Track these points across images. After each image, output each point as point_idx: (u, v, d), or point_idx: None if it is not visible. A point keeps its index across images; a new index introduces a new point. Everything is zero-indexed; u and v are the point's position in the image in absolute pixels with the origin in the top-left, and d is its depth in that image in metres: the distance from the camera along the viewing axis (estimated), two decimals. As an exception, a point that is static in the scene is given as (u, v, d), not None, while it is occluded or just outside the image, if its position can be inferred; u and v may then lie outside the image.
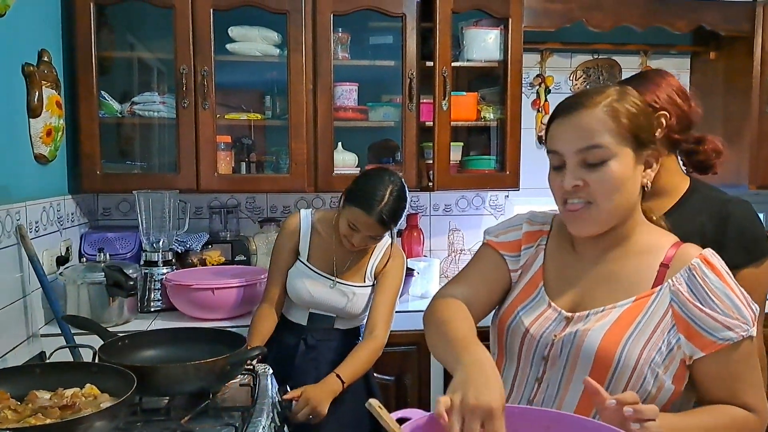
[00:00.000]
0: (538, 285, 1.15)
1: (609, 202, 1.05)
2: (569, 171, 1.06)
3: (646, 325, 1.04)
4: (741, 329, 1.02)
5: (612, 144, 1.04)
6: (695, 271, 1.04)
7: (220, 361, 1.33)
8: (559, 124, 1.08)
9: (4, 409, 1.15)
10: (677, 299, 1.04)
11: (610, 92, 1.08)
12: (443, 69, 2.39)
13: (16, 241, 1.78)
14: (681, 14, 2.65)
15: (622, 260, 1.10)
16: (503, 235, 1.23)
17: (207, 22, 2.29)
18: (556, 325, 1.10)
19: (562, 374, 1.08)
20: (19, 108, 1.86)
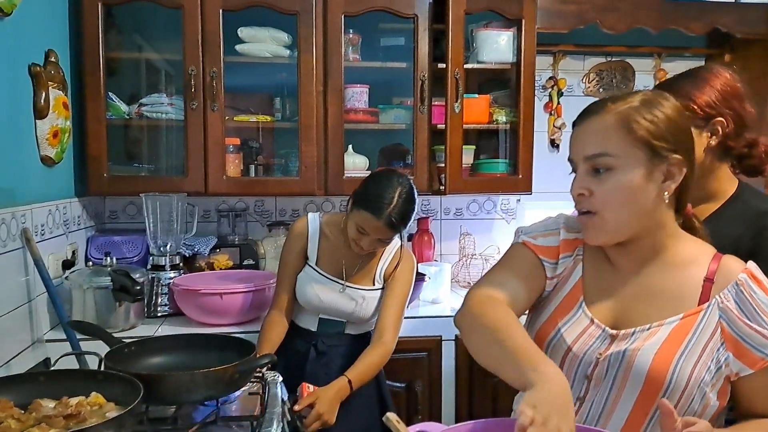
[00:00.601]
0: (578, 299, 1.10)
1: (615, 212, 1.02)
2: (577, 178, 1.04)
3: (697, 343, 1.01)
4: None
5: (621, 153, 1.00)
6: (743, 287, 1.02)
7: (229, 369, 1.29)
8: (575, 130, 1.07)
9: (7, 419, 1.12)
10: (726, 316, 1.02)
11: (632, 99, 1.04)
12: (455, 71, 2.36)
13: (22, 245, 1.75)
14: (696, 16, 2.61)
15: (662, 274, 1.07)
16: (542, 238, 1.16)
17: (216, 23, 2.26)
18: (601, 343, 1.06)
19: (609, 394, 1.04)
20: (25, 109, 1.83)
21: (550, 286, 1.15)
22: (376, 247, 1.83)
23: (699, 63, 3.01)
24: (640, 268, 1.08)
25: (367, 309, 1.87)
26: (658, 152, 1.01)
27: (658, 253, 1.07)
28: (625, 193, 1.00)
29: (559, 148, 2.90)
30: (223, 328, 2.05)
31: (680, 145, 1.03)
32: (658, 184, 1.02)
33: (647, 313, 1.05)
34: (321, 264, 1.89)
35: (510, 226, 2.88)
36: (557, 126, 2.88)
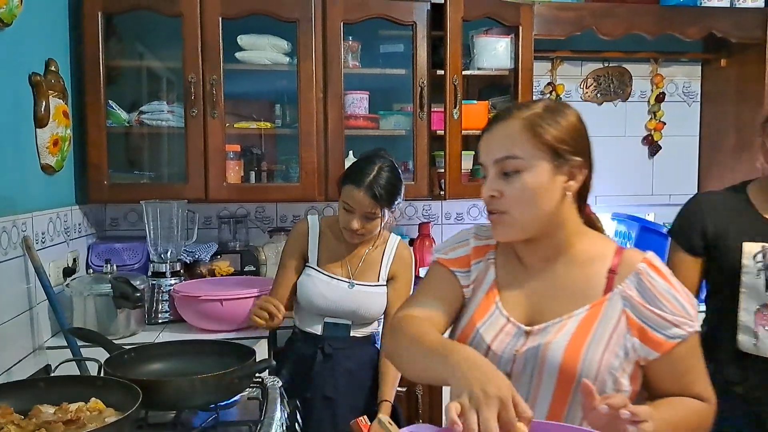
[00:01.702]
0: (494, 299, 1.16)
1: (523, 211, 1.09)
2: (488, 181, 1.11)
3: (603, 331, 1.07)
4: (688, 326, 1.07)
5: (527, 155, 1.07)
6: (642, 275, 1.08)
7: (227, 375, 1.30)
8: (485, 136, 1.14)
9: (7, 424, 1.13)
10: (629, 304, 1.08)
11: (536, 106, 1.11)
12: (454, 78, 2.37)
13: (22, 253, 1.76)
14: (692, 21, 2.63)
15: (569, 270, 1.13)
16: (452, 251, 1.23)
17: (216, 31, 2.28)
18: (517, 340, 1.11)
19: (529, 389, 1.09)
20: (25, 118, 1.85)
21: (468, 293, 1.20)
22: (364, 227, 1.82)
23: (696, 67, 3.03)
24: (548, 265, 1.14)
25: (372, 306, 1.88)
26: (560, 155, 1.08)
27: (563, 250, 1.13)
28: (531, 192, 1.07)
29: (557, 153, 2.91)
30: (224, 334, 2.05)
31: (580, 149, 1.10)
32: (561, 184, 1.09)
33: (557, 307, 1.11)
34: (323, 264, 1.91)
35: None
36: (555, 131, 2.89)
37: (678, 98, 3.03)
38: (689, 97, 3.04)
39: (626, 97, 2.98)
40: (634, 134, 3.01)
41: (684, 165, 3.05)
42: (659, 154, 3.02)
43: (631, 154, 3.01)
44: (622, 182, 2.99)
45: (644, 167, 3.03)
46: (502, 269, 1.18)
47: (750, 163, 2.73)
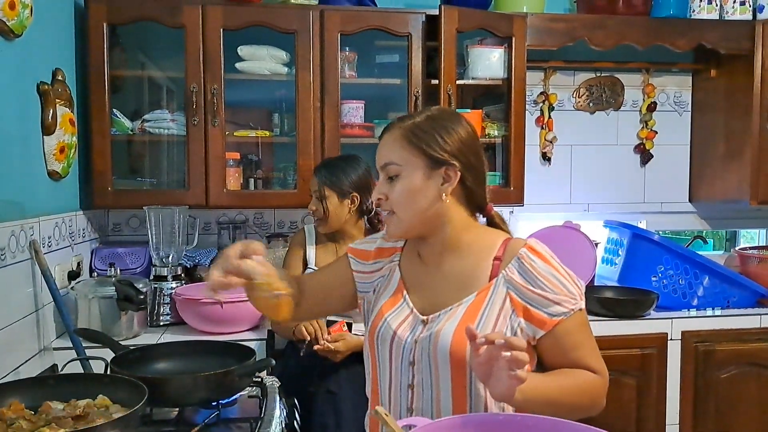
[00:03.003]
0: (403, 293, 1.26)
1: (404, 211, 1.19)
2: (378, 185, 1.22)
3: (489, 315, 1.16)
4: (570, 303, 1.14)
5: (403, 161, 1.17)
6: (523, 259, 1.17)
7: (228, 373, 1.36)
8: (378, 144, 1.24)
9: (19, 419, 1.18)
10: (512, 286, 1.16)
11: (418, 116, 1.21)
12: (448, 87, 2.44)
13: (30, 256, 1.82)
14: (681, 33, 2.69)
15: (460, 261, 1.22)
16: (360, 245, 1.37)
17: (217, 42, 2.34)
18: (416, 329, 1.20)
19: (431, 377, 1.17)
20: (33, 125, 1.91)
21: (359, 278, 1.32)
22: (317, 208, 2.01)
23: (686, 78, 3.10)
24: (441, 259, 1.23)
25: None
26: (434, 159, 1.17)
27: (452, 244, 1.22)
28: (408, 194, 1.18)
29: (550, 161, 2.98)
30: (224, 336, 2.10)
31: (457, 153, 1.19)
32: (437, 186, 1.18)
33: (450, 297, 1.20)
34: (319, 264, 2.01)
35: (503, 237, 2.94)
36: (548, 140, 2.96)
37: (669, 108, 3.09)
38: (680, 107, 3.10)
39: (618, 107, 3.05)
40: (626, 143, 3.07)
41: (675, 173, 3.11)
42: (651, 163, 3.08)
43: (623, 163, 3.07)
44: (614, 190, 3.05)
45: (636, 175, 3.09)
46: (407, 269, 1.28)
47: (739, 171, 2.80)
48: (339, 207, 2.00)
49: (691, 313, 2.49)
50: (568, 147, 3.00)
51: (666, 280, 2.56)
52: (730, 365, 2.42)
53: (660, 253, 2.58)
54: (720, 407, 2.42)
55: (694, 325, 2.42)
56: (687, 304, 2.53)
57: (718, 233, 3.46)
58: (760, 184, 2.71)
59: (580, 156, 3.02)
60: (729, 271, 2.60)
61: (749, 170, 2.72)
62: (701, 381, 2.41)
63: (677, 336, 2.40)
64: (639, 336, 2.37)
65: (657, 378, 2.38)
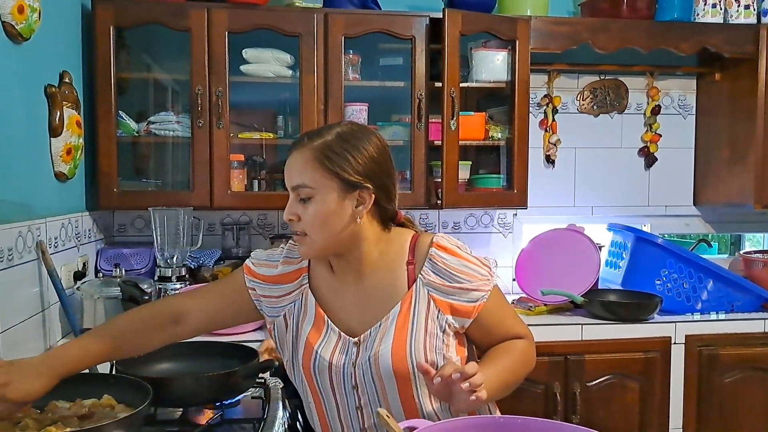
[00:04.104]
0: (324, 319, 1.23)
1: (318, 233, 1.17)
2: (288, 205, 1.18)
3: (419, 321, 1.19)
4: (486, 285, 1.21)
5: (317, 184, 1.15)
6: (435, 258, 1.20)
7: (232, 374, 1.37)
8: (287, 161, 1.20)
9: (25, 418, 1.20)
10: (432, 287, 1.20)
11: (329, 134, 1.18)
12: (451, 90, 2.45)
13: (36, 257, 1.83)
14: (685, 36, 2.69)
15: (379, 275, 1.23)
16: (260, 267, 1.30)
17: (222, 45, 2.36)
18: (350, 353, 1.20)
19: (377, 397, 1.21)
20: (41, 127, 1.92)
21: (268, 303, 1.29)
22: None
23: (691, 81, 3.10)
24: (359, 277, 1.23)
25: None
26: (348, 182, 1.15)
27: (368, 259, 1.22)
28: (322, 217, 1.16)
29: (554, 164, 2.98)
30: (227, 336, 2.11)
31: (371, 175, 1.17)
32: (351, 208, 1.17)
33: (375, 311, 1.21)
34: None
35: (507, 240, 2.95)
36: (552, 142, 2.96)
37: (674, 111, 3.09)
38: (684, 110, 3.10)
39: (622, 110, 3.05)
40: (630, 146, 3.07)
41: (679, 176, 3.11)
42: (655, 166, 3.08)
43: (627, 166, 3.07)
44: (618, 193, 3.05)
45: (640, 178, 3.09)
46: (320, 291, 1.26)
47: (743, 175, 2.80)
48: None
49: (695, 317, 2.49)
50: (572, 150, 3.01)
51: (670, 283, 2.56)
52: (734, 370, 2.42)
53: (664, 256, 2.58)
54: (724, 412, 2.42)
55: (698, 329, 2.42)
56: (691, 308, 2.53)
57: (723, 237, 3.45)
58: (765, 187, 2.71)
59: (584, 159, 3.02)
60: (733, 275, 2.59)
61: (753, 174, 2.72)
62: (705, 385, 2.41)
63: (681, 340, 2.40)
64: (642, 340, 2.38)
65: (660, 382, 2.38)
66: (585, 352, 2.33)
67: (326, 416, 1.26)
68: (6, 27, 1.67)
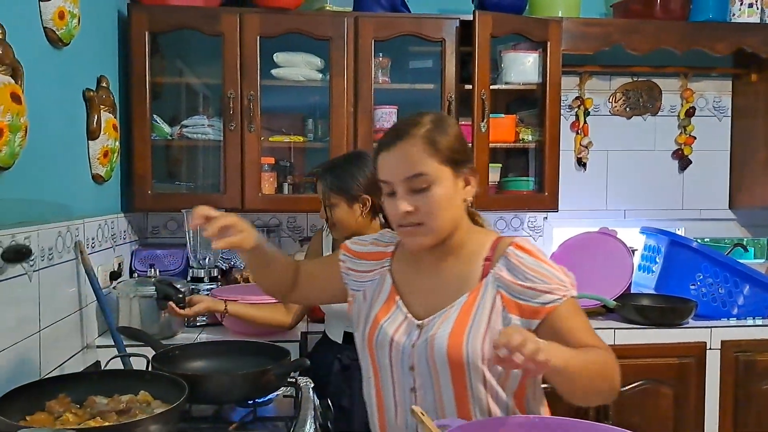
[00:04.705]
0: (396, 300, 1.27)
1: (437, 220, 1.17)
2: (400, 198, 1.17)
3: (482, 315, 1.17)
4: (561, 291, 1.15)
5: (433, 170, 1.15)
6: (510, 256, 1.18)
7: (266, 372, 1.38)
8: (384, 156, 1.20)
9: (66, 412, 1.22)
10: (502, 284, 1.17)
11: (424, 121, 1.19)
12: (482, 92, 2.44)
13: (75, 256, 1.88)
14: (720, 37, 2.65)
15: (456, 265, 1.23)
16: (353, 245, 1.38)
17: (254, 49, 2.39)
18: (412, 334, 1.21)
19: (431, 381, 1.18)
20: (79, 131, 1.97)
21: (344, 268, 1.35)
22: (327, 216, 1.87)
23: (726, 82, 3.04)
24: (438, 263, 1.24)
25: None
26: (459, 163, 1.18)
27: (454, 247, 1.23)
28: (442, 203, 1.16)
29: (585, 166, 2.95)
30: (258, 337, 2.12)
31: (469, 156, 1.23)
32: (461, 190, 1.19)
33: (444, 300, 1.21)
34: None
35: (537, 243, 2.93)
36: (584, 145, 2.93)
37: (708, 113, 3.04)
38: (720, 112, 3.05)
39: (656, 112, 3.00)
40: (664, 148, 3.02)
41: (715, 179, 3.05)
42: (689, 169, 3.03)
43: (660, 168, 3.02)
44: (651, 196, 3.01)
45: (674, 181, 3.04)
46: (399, 274, 1.29)
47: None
48: (349, 212, 1.84)
49: (730, 322, 2.44)
50: (604, 152, 2.97)
51: (705, 288, 2.50)
52: (772, 376, 2.36)
53: (699, 260, 2.53)
54: (762, 419, 2.36)
55: (735, 335, 2.37)
56: (727, 313, 2.47)
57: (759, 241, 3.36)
58: (803, 190, 2.64)
59: (616, 161, 2.98)
60: (771, 280, 2.53)
61: (790, 176, 2.65)
62: (742, 392, 2.35)
63: (717, 345, 2.35)
64: (677, 345, 2.33)
65: (695, 388, 2.33)
66: (618, 357, 2.26)
67: (382, 394, 1.27)
68: (48, 32, 1.72)
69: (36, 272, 1.60)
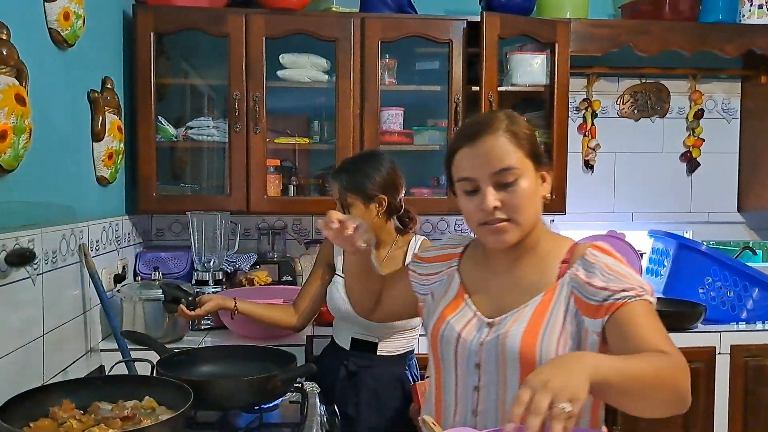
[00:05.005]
0: (464, 297, 1.25)
1: (524, 215, 1.15)
2: (488, 194, 1.14)
3: (557, 316, 1.13)
4: (636, 291, 1.08)
5: (519, 163, 1.14)
6: (588, 257, 1.14)
7: (272, 378, 1.36)
8: (466, 152, 1.17)
9: (69, 419, 1.21)
10: (576, 284, 1.13)
11: (501, 117, 1.17)
12: (489, 94, 2.42)
13: (79, 259, 1.86)
14: (730, 38, 2.63)
15: (530, 265, 1.20)
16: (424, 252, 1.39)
17: (260, 50, 2.38)
18: (481, 331, 1.19)
19: (497, 379, 1.15)
20: (84, 132, 1.96)
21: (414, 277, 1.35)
22: None
23: (735, 84, 3.01)
24: (512, 263, 1.21)
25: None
26: (538, 159, 1.17)
27: (529, 248, 1.20)
28: (529, 197, 1.15)
29: (593, 169, 2.92)
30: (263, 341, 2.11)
31: (544, 152, 1.20)
32: (540, 186, 1.18)
33: (517, 299, 1.18)
34: None
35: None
36: (591, 147, 2.91)
37: (717, 115, 3.01)
38: (728, 114, 3.02)
39: (664, 113, 2.98)
40: (672, 150, 3.00)
41: (723, 182, 3.02)
42: (698, 171, 3.00)
43: (668, 171, 3.00)
44: (659, 199, 2.98)
45: (682, 184, 3.01)
46: (467, 274, 1.28)
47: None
48: (365, 212, 1.82)
49: (740, 326, 2.41)
50: (611, 154, 2.95)
51: (714, 292, 2.48)
52: (782, 381, 2.33)
53: (708, 264, 2.51)
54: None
55: (744, 339, 2.35)
56: (736, 317, 2.44)
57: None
58: (814, 193, 2.61)
59: (624, 164, 2.96)
60: (781, 284, 2.50)
61: (800, 179, 2.62)
62: (752, 397, 2.33)
63: (726, 350, 2.33)
64: (685, 349, 2.20)
65: (704, 393, 2.30)
66: (626, 362, 2.26)
67: (442, 391, 1.24)
68: (52, 33, 1.70)
69: (40, 275, 1.58)
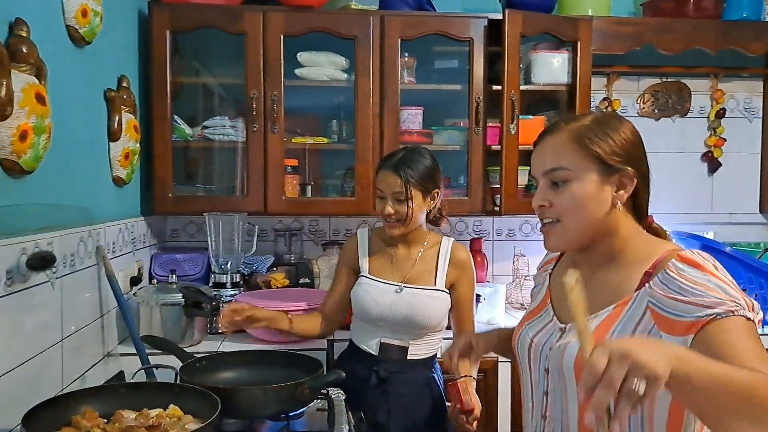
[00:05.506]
0: (547, 303, 1.24)
1: (573, 220, 1.11)
2: (538, 192, 1.14)
3: (623, 330, 1.06)
4: (728, 306, 0.95)
5: (575, 165, 1.10)
6: (669, 269, 1.04)
7: (300, 385, 1.32)
8: (535, 149, 1.18)
9: (93, 428, 1.17)
10: (654, 299, 1.04)
11: (584, 118, 1.14)
12: (512, 93, 2.37)
13: (96, 262, 1.82)
14: (755, 36, 2.58)
15: (611, 272, 1.14)
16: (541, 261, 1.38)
17: (277, 48, 2.33)
18: (552, 336, 1.16)
19: (562, 386, 1.12)
20: (100, 132, 1.92)
21: None
22: (397, 210, 1.79)
23: (757, 83, 2.96)
24: (594, 270, 1.16)
25: (426, 311, 1.80)
26: (609, 165, 1.10)
27: (613, 256, 1.14)
28: (580, 201, 1.10)
29: (613, 169, 2.87)
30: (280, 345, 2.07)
31: (631, 159, 1.12)
32: (611, 193, 1.11)
33: (592, 307, 1.07)
34: (374, 271, 1.88)
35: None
36: (611, 147, 2.85)
37: (739, 114, 2.96)
38: (751, 113, 2.97)
39: (685, 113, 2.93)
40: (693, 150, 2.95)
41: (745, 182, 2.97)
42: (719, 171, 2.95)
43: (690, 171, 2.94)
44: (680, 199, 2.93)
45: (704, 184, 2.96)
46: (556, 279, 1.26)
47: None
48: (422, 206, 1.82)
49: (765, 329, 2.35)
50: (632, 155, 2.89)
51: (740, 294, 2.42)
52: (812, 387, 2.27)
53: (732, 265, 2.45)
54: (801, 432, 2.27)
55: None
56: (762, 320, 2.39)
57: (791, 246, 3.28)
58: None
59: (646, 164, 2.90)
60: (808, 287, 2.45)
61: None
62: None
63: (754, 354, 2.27)
64: None
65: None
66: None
67: (523, 394, 1.25)
68: (70, 31, 1.66)
69: (59, 279, 1.55)
